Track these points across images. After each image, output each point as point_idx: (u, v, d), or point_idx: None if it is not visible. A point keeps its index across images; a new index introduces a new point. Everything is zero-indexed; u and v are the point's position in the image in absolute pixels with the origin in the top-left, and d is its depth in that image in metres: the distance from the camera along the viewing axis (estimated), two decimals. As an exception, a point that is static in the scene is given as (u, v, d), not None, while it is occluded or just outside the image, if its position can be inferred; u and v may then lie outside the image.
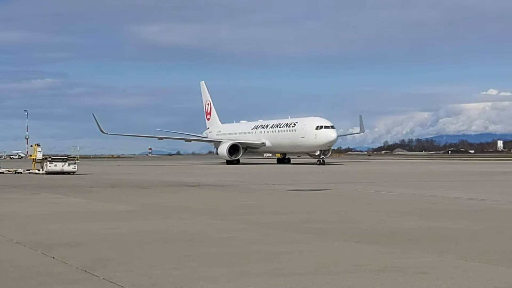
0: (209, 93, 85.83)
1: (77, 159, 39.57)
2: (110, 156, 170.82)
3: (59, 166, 36.74)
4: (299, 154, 69.26)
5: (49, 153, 42.57)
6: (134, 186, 23.66)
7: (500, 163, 62.99)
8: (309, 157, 68.27)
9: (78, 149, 44.03)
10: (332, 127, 59.89)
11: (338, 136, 61.19)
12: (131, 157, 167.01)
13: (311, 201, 16.36)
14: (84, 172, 37.73)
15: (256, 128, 71.19)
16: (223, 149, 64.69)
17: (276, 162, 70.58)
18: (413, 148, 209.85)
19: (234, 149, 64.73)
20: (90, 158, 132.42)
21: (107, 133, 67.14)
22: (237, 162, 64.89)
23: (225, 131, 76.56)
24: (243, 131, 72.83)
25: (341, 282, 6.10)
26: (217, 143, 69.27)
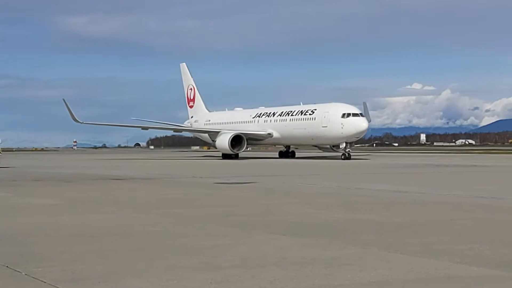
0: (191, 76, 74.61)
1: (0, 152, 38.61)
2: (34, 149, 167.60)
3: (-20, 160, 35.78)
4: (318, 146, 58.20)
5: (-31, 146, 41.44)
6: (59, 180, 23.25)
7: (423, 156, 64.35)
8: (317, 149, 59.80)
9: (0, 141, 42.89)
10: (362, 114, 50.52)
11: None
12: (56, 150, 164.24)
13: (238, 194, 16.38)
14: (6, 165, 36.83)
15: (259, 116, 60.34)
16: (224, 141, 54.23)
17: (278, 156, 60.81)
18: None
19: (236, 140, 54.45)
20: (13, 151, 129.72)
21: (81, 122, 58.73)
22: (236, 156, 55.27)
23: (216, 120, 66.28)
24: (242, 119, 62.31)
25: (266, 275, 6.12)
26: (214, 134, 58.57)
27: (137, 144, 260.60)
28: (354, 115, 49.31)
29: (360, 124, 48.92)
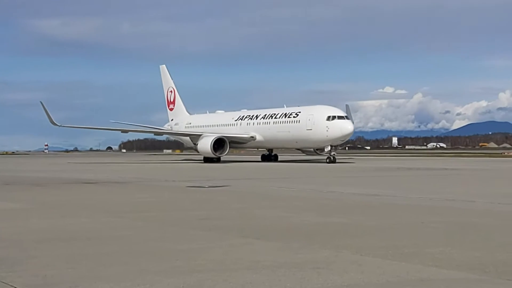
0: (171, 78, 73.51)
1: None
2: (4, 153, 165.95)
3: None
4: (301, 150, 57.79)
5: None
6: (30, 184, 23.04)
7: (394, 159, 64.76)
8: (301, 153, 59.63)
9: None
10: (347, 117, 50.08)
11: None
12: (27, 154, 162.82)
13: (211, 198, 16.36)
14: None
15: (241, 119, 59.25)
16: (206, 144, 53.30)
17: (260, 160, 60.52)
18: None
19: (218, 144, 53.66)
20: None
21: (59, 125, 57.21)
22: (217, 160, 54.34)
23: (198, 123, 65.53)
24: (224, 122, 61.23)
25: (239, 279, 6.13)
26: (196, 137, 57.48)
27: (109, 148, 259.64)
28: (339, 117, 48.86)
29: (345, 127, 48.50)
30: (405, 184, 22.12)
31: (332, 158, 48.07)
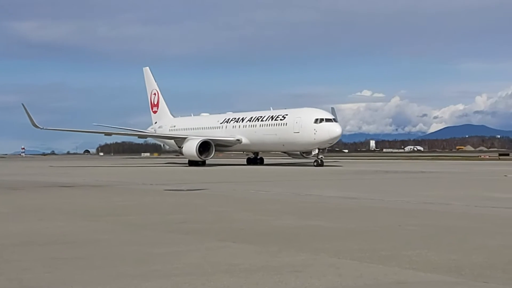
0: (155, 81, 72.63)
1: None
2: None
3: None
4: (287, 153, 56.73)
5: None
6: (6, 187, 22.85)
7: (372, 162, 65.01)
8: (287, 156, 58.47)
9: None
10: (335, 120, 49.07)
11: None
12: (3, 157, 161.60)
13: (189, 201, 16.32)
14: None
15: (227, 122, 58.22)
16: (192, 148, 52.30)
17: (246, 163, 59.20)
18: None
19: (203, 147, 52.60)
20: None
21: (42, 128, 55.54)
22: (203, 163, 52.90)
23: (182, 126, 64.42)
24: (209, 125, 60.28)
25: (216, 282, 6.12)
26: (181, 140, 56.17)
27: (87, 151, 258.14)
28: (327, 120, 48.09)
29: (333, 130, 47.67)
30: (383, 187, 22.20)
31: (319, 161, 47.27)
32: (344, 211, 13.32)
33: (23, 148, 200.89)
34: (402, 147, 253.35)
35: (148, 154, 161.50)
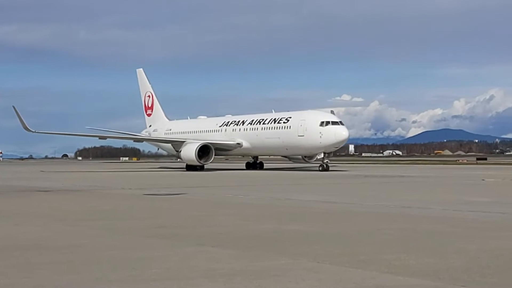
0: (149, 82, 70.63)
1: None
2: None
3: None
4: (288, 157, 55.26)
5: None
6: (-18, 192, 22.63)
7: (351, 166, 65.18)
8: (287, 160, 57.00)
9: None
10: (341, 122, 46.90)
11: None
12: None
13: (167, 206, 16.26)
14: None
15: (226, 125, 56.19)
16: (191, 152, 50.47)
17: (245, 168, 57.58)
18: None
19: (203, 151, 50.78)
20: None
21: (33, 131, 53.68)
22: (201, 168, 51.28)
23: (178, 129, 62.55)
24: (207, 128, 58.24)
25: (195, 287, 6.09)
26: (178, 144, 54.31)
27: (65, 155, 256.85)
28: (334, 123, 46.15)
29: (340, 133, 45.80)
30: (362, 192, 22.27)
31: (325, 165, 45.80)
32: (324, 216, 13.33)
33: (1, 153, 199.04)
34: (381, 151, 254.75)
35: (127, 158, 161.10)
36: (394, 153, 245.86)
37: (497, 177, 34.00)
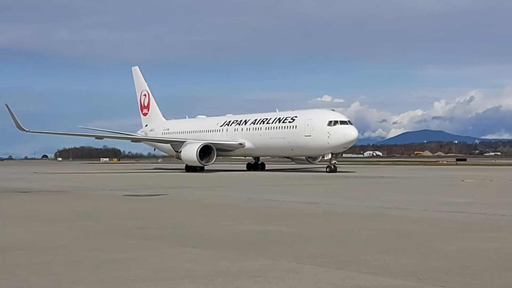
0: (145, 81, 68.88)
1: None
2: None
3: None
4: (291, 158, 53.43)
5: None
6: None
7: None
8: (289, 161, 55.53)
9: None
10: (350, 122, 45.14)
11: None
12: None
13: (148, 207, 16.23)
14: None
15: (227, 124, 54.21)
16: (192, 152, 48.60)
17: (246, 169, 55.65)
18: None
19: (204, 151, 49.06)
20: None
21: (27, 130, 52.06)
22: (201, 169, 49.79)
23: (176, 129, 60.60)
24: (208, 128, 56.27)
25: (176, 288, 6.10)
26: (178, 144, 52.59)
27: (45, 156, 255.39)
28: (342, 122, 44.43)
29: (349, 133, 44.11)
30: (343, 192, 22.34)
31: (332, 167, 44.10)
32: (304, 216, 13.36)
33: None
34: (361, 152, 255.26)
35: (107, 159, 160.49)
36: (374, 154, 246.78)
37: (476, 178, 34.24)
